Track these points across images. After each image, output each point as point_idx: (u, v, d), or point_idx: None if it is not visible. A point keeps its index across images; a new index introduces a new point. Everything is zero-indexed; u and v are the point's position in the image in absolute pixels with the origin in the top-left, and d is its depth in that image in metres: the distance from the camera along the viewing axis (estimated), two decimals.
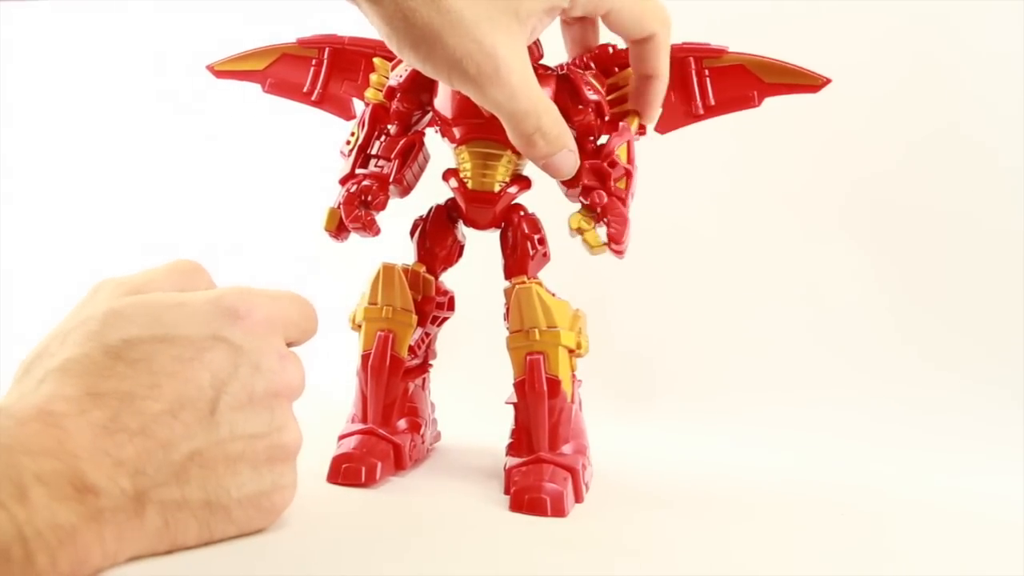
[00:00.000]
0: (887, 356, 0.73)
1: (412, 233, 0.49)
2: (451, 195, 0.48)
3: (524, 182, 0.48)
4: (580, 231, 0.46)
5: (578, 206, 0.46)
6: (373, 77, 0.50)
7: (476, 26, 0.38)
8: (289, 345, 0.38)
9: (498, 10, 0.39)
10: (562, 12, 0.43)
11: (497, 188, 0.47)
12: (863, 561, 0.42)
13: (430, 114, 0.48)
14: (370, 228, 0.47)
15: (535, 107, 0.41)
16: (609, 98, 0.47)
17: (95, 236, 0.86)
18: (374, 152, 0.48)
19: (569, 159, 0.44)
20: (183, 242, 0.81)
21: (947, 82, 0.77)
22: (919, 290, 0.75)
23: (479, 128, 0.46)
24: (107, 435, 0.31)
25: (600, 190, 0.46)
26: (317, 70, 0.51)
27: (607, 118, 0.47)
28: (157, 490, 0.32)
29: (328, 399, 0.57)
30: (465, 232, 0.50)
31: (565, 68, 0.47)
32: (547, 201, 0.48)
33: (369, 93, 0.50)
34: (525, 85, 0.40)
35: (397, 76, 0.48)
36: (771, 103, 0.48)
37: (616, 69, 0.48)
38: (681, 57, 0.47)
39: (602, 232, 0.46)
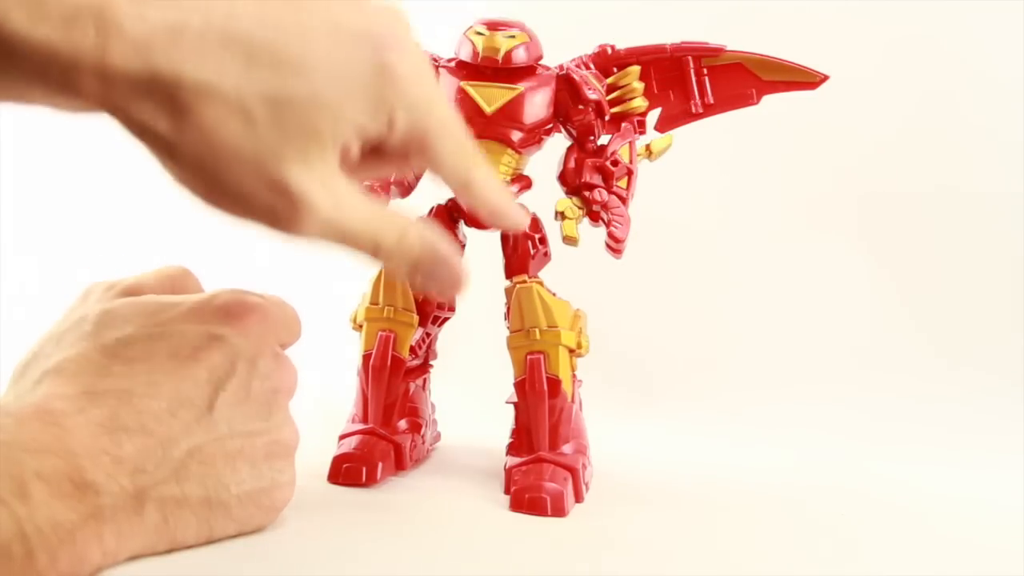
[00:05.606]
0: (889, 354, 0.73)
1: None
2: (452, 195, 0.48)
3: (525, 181, 0.48)
4: (563, 216, 0.46)
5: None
6: None
7: (260, 161, 0.30)
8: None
9: (288, 135, 0.31)
10: (377, 138, 0.34)
11: None
12: (864, 562, 0.42)
13: None
14: None
15: (363, 228, 0.33)
16: (609, 98, 0.48)
17: (90, 238, 0.86)
18: None
19: (446, 271, 0.36)
20: (181, 243, 0.81)
21: (952, 79, 0.77)
22: (921, 289, 0.75)
23: (480, 128, 0.46)
24: (106, 433, 0.31)
25: (602, 188, 0.46)
26: None
27: (607, 117, 0.47)
28: (156, 488, 0.32)
29: (328, 399, 0.57)
30: (466, 232, 0.50)
31: (565, 68, 0.47)
32: (547, 201, 0.48)
33: None
34: (340, 212, 0.32)
35: None
36: (771, 101, 0.48)
37: (615, 69, 0.48)
38: (679, 56, 0.47)
39: (597, 231, 0.46)
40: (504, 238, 0.48)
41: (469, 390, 0.60)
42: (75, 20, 0.27)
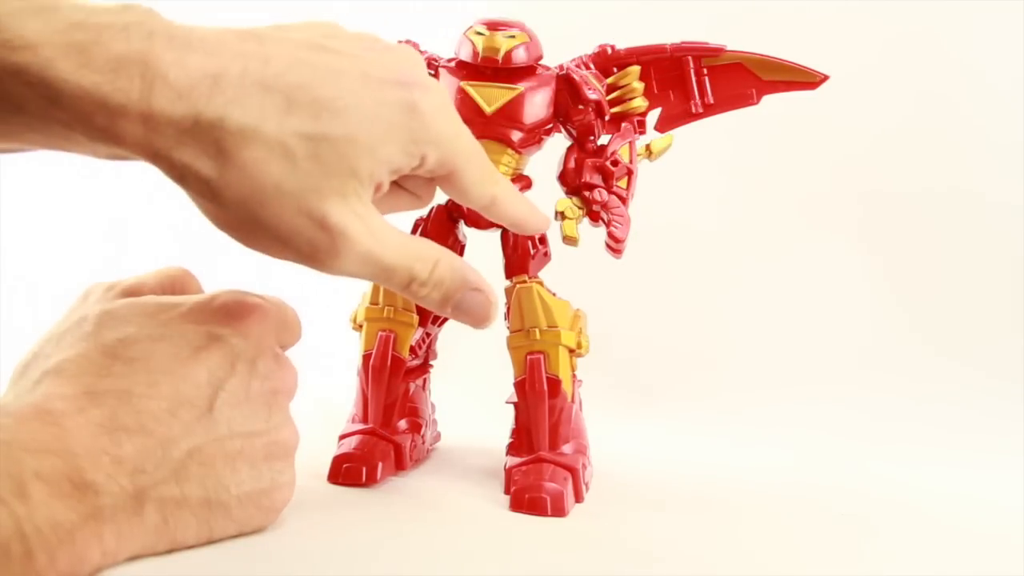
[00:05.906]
0: (889, 354, 0.73)
1: (413, 233, 0.49)
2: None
3: (525, 181, 0.48)
4: (563, 216, 0.46)
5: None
6: None
7: (301, 197, 0.32)
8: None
9: (327, 173, 0.32)
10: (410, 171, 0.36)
11: None
12: (863, 563, 0.42)
13: None
14: None
15: (399, 261, 0.35)
16: (609, 98, 0.48)
17: (90, 238, 0.86)
18: None
19: (476, 300, 0.38)
20: (181, 244, 0.81)
21: (952, 79, 0.77)
22: (921, 289, 0.75)
23: (480, 127, 0.46)
24: (105, 433, 0.31)
25: (602, 188, 0.46)
26: None
27: (607, 117, 0.47)
28: (156, 488, 0.32)
29: (329, 399, 0.57)
30: (466, 232, 0.50)
31: (565, 68, 0.47)
32: (547, 201, 0.48)
33: None
34: (377, 245, 0.34)
35: None
36: (771, 101, 0.48)
37: (615, 69, 0.48)
38: (679, 56, 0.47)
39: (597, 231, 0.46)
40: (504, 238, 0.48)
41: (469, 390, 0.60)
42: (120, 69, 0.29)
